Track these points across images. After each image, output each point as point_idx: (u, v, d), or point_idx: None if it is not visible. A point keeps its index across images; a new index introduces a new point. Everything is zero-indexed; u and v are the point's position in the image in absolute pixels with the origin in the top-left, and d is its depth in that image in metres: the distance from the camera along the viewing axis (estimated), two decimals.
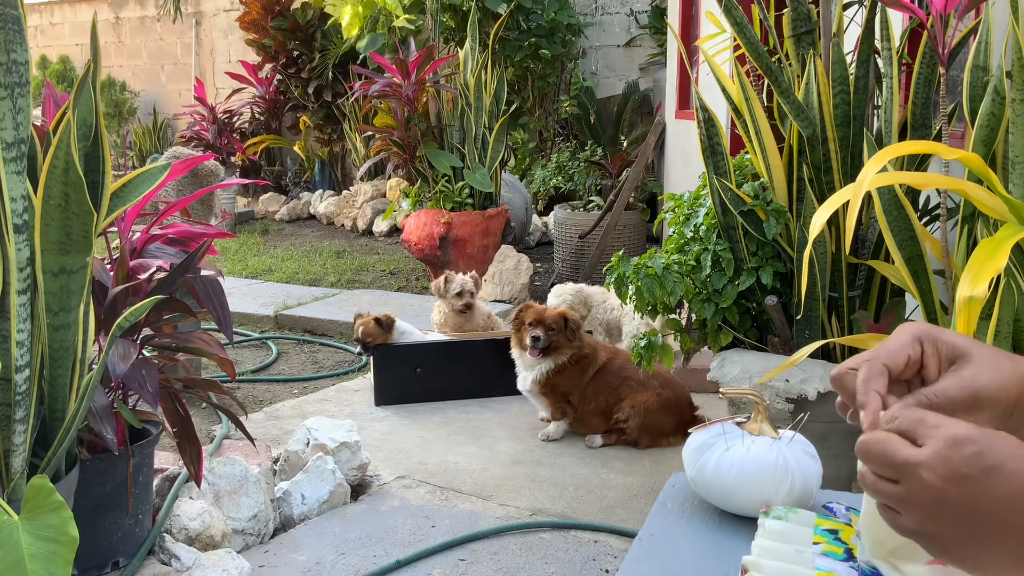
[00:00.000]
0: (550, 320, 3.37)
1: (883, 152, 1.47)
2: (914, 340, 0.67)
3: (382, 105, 6.22)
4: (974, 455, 0.55)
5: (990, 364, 0.65)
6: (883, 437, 0.59)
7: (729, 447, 1.15)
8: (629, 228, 6.28)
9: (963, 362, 0.65)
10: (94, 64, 1.91)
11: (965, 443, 0.56)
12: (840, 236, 2.48)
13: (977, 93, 2.09)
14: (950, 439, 0.56)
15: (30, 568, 1.51)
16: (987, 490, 0.55)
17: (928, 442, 0.57)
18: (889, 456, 0.58)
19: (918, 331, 0.67)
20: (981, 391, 0.63)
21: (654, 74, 8.04)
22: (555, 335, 3.36)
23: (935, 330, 0.68)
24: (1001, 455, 0.55)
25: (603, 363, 3.43)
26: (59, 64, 12.11)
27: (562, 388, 3.41)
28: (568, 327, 3.37)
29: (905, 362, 0.66)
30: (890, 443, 0.58)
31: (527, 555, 2.53)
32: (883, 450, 0.58)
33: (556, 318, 3.38)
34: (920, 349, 0.66)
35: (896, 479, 0.58)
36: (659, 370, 3.29)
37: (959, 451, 0.55)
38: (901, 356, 0.66)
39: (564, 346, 3.37)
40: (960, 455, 0.55)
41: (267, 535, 2.62)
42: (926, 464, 0.56)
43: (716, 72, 2.56)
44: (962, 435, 0.56)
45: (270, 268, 6.78)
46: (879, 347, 0.67)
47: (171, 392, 2.28)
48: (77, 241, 1.81)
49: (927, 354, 0.66)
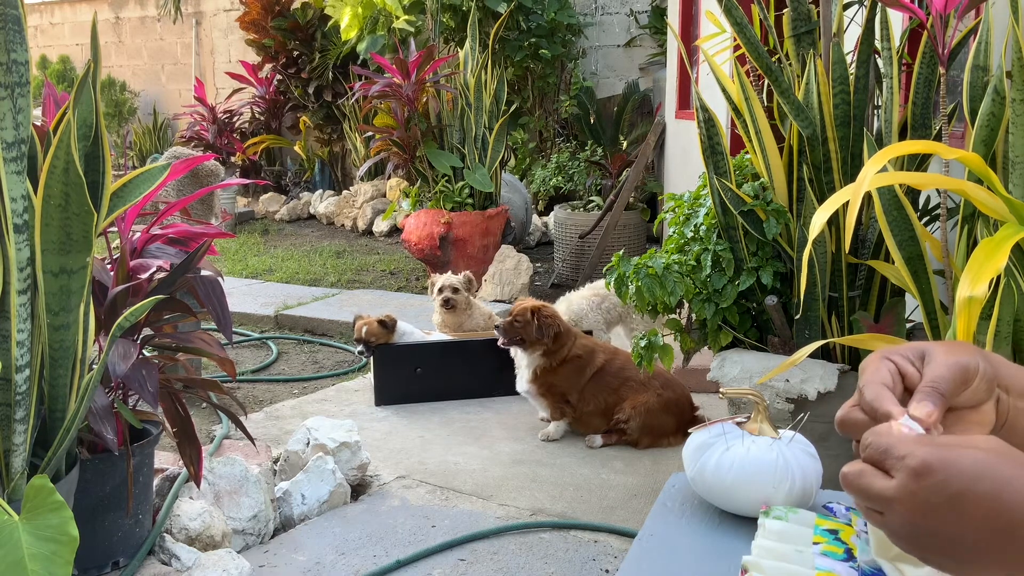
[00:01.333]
0: (516, 312, 3.40)
1: (883, 152, 1.47)
2: (881, 359, 0.67)
3: (382, 105, 6.22)
4: (936, 485, 0.54)
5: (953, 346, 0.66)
6: (858, 470, 0.59)
7: (729, 447, 1.15)
8: (629, 228, 6.28)
9: (932, 353, 0.66)
10: (94, 64, 1.91)
11: (926, 474, 0.55)
12: (840, 236, 2.48)
13: (977, 93, 2.09)
14: (911, 472, 0.56)
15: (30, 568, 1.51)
16: (956, 519, 0.54)
17: (896, 475, 0.57)
18: (865, 490, 0.58)
19: (878, 354, 0.68)
20: (961, 362, 0.64)
21: (654, 74, 8.04)
22: (521, 327, 3.37)
23: (891, 347, 0.69)
24: (965, 479, 0.54)
25: (602, 364, 3.43)
26: (59, 64, 12.11)
27: (560, 388, 3.41)
28: (538, 321, 3.37)
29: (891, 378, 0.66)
30: (864, 478, 0.58)
31: (527, 555, 2.53)
32: (859, 484, 0.58)
33: (523, 311, 3.40)
34: (891, 363, 0.67)
35: (879, 510, 0.58)
36: (660, 371, 3.29)
37: (921, 483, 0.55)
38: (883, 374, 0.66)
39: (535, 340, 3.37)
40: (923, 487, 0.55)
41: (267, 535, 2.62)
42: (896, 499, 0.56)
43: (716, 72, 2.56)
44: (923, 465, 0.55)
45: (270, 268, 6.78)
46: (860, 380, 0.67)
47: (171, 392, 2.28)
48: (77, 241, 1.81)
49: (900, 364, 0.67)
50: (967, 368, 0.64)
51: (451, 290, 4.20)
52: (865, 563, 0.93)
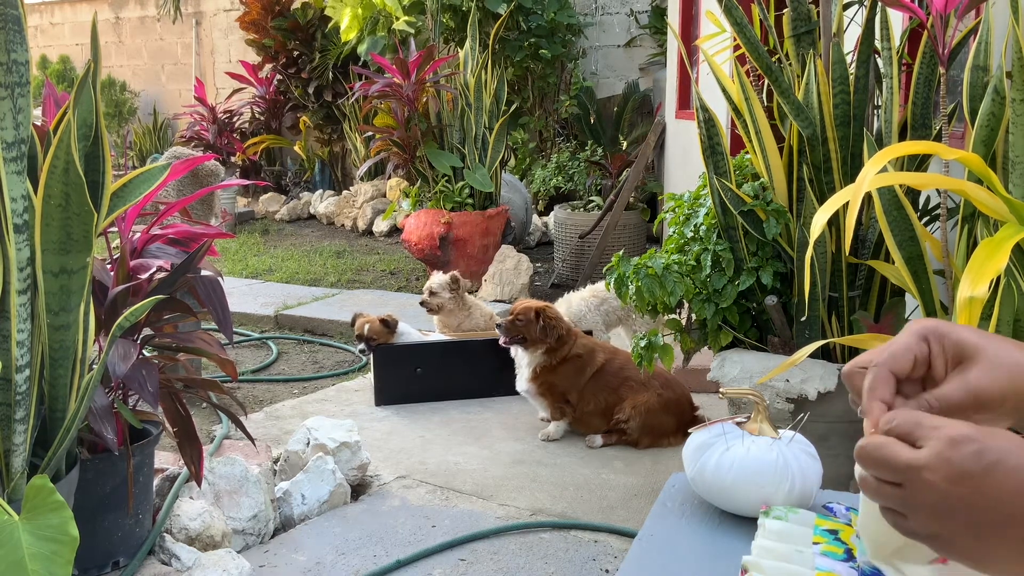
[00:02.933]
0: (519, 311, 3.40)
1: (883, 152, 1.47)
2: (920, 339, 0.66)
3: (382, 105, 6.22)
4: (974, 453, 0.55)
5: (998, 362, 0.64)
6: (882, 441, 0.59)
7: (729, 447, 1.15)
8: (629, 228, 6.28)
9: (969, 363, 0.64)
10: (94, 64, 1.91)
11: (965, 442, 0.55)
12: (840, 236, 2.48)
13: (977, 93, 2.08)
14: (949, 439, 0.56)
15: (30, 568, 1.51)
16: (990, 487, 0.54)
17: (928, 443, 0.57)
18: (889, 460, 0.58)
19: (925, 328, 0.66)
20: (983, 393, 0.63)
21: (654, 74, 8.04)
22: (523, 326, 3.38)
23: (944, 327, 0.66)
24: (1001, 451, 0.55)
25: (602, 363, 3.43)
26: (59, 64, 12.11)
27: (560, 387, 3.41)
28: (541, 321, 3.36)
29: (912, 363, 0.65)
30: (889, 447, 0.58)
31: (527, 555, 2.53)
32: (883, 454, 0.58)
33: (525, 310, 3.40)
34: (927, 348, 0.66)
35: (898, 482, 0.57)
36: (660, 370, 3.29)
37: (959, 450, 0.55)
38: (907, 358, 0.65)
39: (538, 340, 3.37)
40: (960, 454, 0.55)
41: (267, 535, 2.62)
42: (927, 466, 0.56)
43: (716, 72, 2.56)
44: (961, 434, 0.56)
45: (270, 268, 6.78)
46: (886, 346, 0.66)
47: (171, 392, 2.28)
48: (77, 241, 1.82)
49: (934, 353, 0.66)
50: (984, 403, 0.63)
51: (428, 293, 4.16)
52: (865, 563, 0.93)
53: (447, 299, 4.16)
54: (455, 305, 4.19)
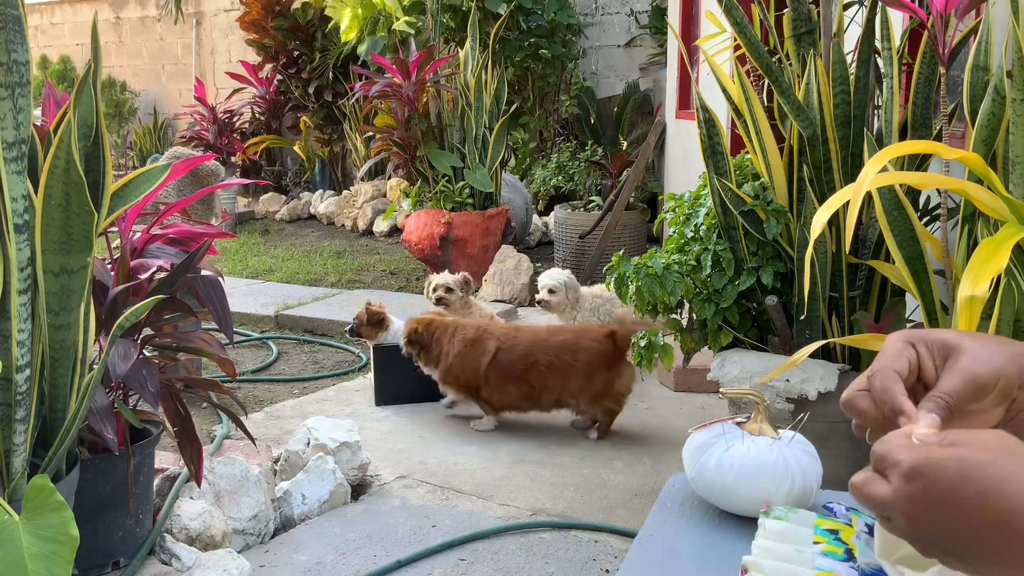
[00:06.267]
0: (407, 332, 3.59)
1: (883, 152, 1.47)
2: (906, 344, 0.67)
3: (382, 105, 6.23)
4: (924, 489, 0.55)
5: (982, 346, 0.65)
6: (864, 478, 0.60)
7: (729, 447, 1.15)
8: (629, 228, 6.28)
9: (956, 355, 0.65)
10: (95, 64, 1.91)
11: (915, 478, 0.56)
12: (840, 236, 2.48)
13: (977, 93, 2.09)
14: (903, 476, 0.56)
15: (31, 568, 1.51)
16: (949, 520, 0.55)
17: (891, 480, 0.57)
18: (869, 497, 0.59)
19: (906, 336, 0.68)
20: (980, 377, 0.64)
21: (654, 74, 8.04)
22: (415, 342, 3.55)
23: (921, 332, 0.68)
24: (950, 483, 0.54)
25: (494, 351, 3.41)
26: (59, 64, 12.11)
27: (464, 382, 3.48)
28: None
29: (907, 367, 0.66)
30: (867, 485, 0.59)
31: (527, 555, 2.53)
32: (864, 492, 0.59)
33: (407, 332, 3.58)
34: (914, 352, 0.67)
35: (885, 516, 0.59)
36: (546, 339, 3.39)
37: (912, 487, 0.56)
38: (902, 361, 0.66)
39: (417, 352, 3.54)
40: (914, 491, 0.56)
41: (267, 535, 2.62)
42: (892, 504, 0.57)
43: (716, 72, 2.56)
44: (912, 470, 0.56)
45: (270, 268, 6.78)
46: (877, 361, 0.67)
47: (172, 392, 2.28)
48: (78, 241, 1.82)
49: (922, 355, 0.66)
50: (983, 386, 0.64)
51: (444, 289, 4.20)
52: (865, 563, 0.93)
53: (458, 298, 4.22)
54: (459, 304, 4.22)
